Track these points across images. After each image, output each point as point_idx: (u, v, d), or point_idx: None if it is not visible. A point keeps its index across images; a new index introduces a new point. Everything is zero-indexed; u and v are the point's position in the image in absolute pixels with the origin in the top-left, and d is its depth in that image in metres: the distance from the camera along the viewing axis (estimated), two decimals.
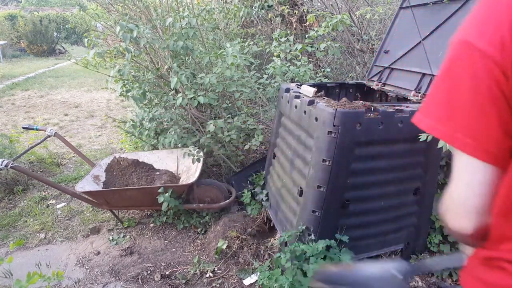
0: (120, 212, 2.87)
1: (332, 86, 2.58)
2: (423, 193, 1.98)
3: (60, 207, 3.05)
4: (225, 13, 4.14)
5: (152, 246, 2.51)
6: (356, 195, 1.81)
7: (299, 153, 1.98)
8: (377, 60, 2.54)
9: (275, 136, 2.43)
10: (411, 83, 2.14)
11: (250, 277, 2.14)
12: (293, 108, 2.04)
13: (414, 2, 2.26)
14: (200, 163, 2.61)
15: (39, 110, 6.26)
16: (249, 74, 2.98)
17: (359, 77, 3.62)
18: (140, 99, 2.63)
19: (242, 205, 2.80)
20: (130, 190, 2.46)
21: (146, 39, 2.45)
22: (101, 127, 5.39)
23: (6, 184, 3.26)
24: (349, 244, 1.80)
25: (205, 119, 3.03)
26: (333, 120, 1.62)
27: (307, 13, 3.53)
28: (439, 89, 0.66)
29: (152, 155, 3.05)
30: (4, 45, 13.90)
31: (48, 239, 2.61)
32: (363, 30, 3.61)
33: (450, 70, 0.63)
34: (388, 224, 1.99)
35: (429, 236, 2.18)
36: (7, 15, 15.82)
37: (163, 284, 2.12)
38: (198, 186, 2.65)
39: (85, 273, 2.24)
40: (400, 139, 1.77)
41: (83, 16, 5.36)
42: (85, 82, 9.13)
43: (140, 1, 3.15)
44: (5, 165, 2.18)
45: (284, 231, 2.06)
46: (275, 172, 2.41)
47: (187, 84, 2.54)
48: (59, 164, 3.92)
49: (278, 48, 3.01)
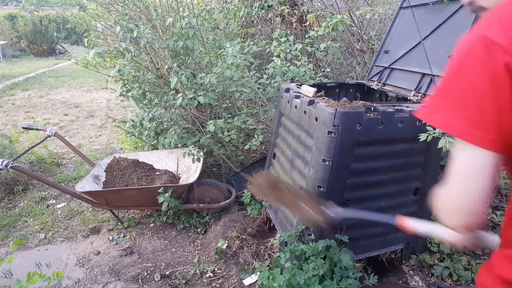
0: (120, 212, 2.87)
1: (332, 86, 2.58)
2: (423, 193, 1.98)
3: (60, 207, 3.05)
4: (225, 13, 4.14)
5: (152, 246, 2.51)
6: (356, 195, 1.81)
7: (299, 153, 1.98)
8: (377, 60, 2.53)
9: (275, 136, 2.43)
10: (411, 83, 2.14)
11: (250, 277, 2.14)
12: (293, 108, 2.04)
13: (414, 2, 2.26)
14: (200, 163, 2.61)
15: (39, 110, 6.26)
16: (249, 74, 2.98)
17: (359, 77, 3.62)
18: (140, 99, 2.63)
19: (242, 205, 2.80)
20: (130, 190, 2.46)
21: (146, 39, 2.45)
22: (101, 127, 5.39)
23: (6, 184, 3.26)
24: (349, 244, 1.80)
25: (205, 119, 3.03)
26: (333, 120, 1.62)
27: (307, 13, 3.53)
28: (450, 84, 0.64)
29: (152, 155, 3.05)
30: (4, 45, 13.91)
31: (48, 239, 2.61)
32: (363, 30, 3.61)
33: (464, 65, 0.62)
34: (388, 224, 1.99)
35: None
36: (7, 15, 15.82)
37: (163, 284, 2.12)
38: (198, 186, 2.65)
39: (85, 273, 2.24)
40: (400, 139, 1.77)
41: (83, 16, 5.37)
42: (85, 82, 9.13)
43: (140, 1, 3.15)
44: (5, 165, 2.18)
45: (284, 231, 2.06)
46: (275, 172, 2.41)
47: (187, 84, 2.54)
48: (59, 164, 3.93)
49: (278, 48, 3.01)
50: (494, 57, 0.58)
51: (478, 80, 0.59)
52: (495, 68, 0.58)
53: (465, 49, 0.63)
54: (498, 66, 0.57)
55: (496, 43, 0.58)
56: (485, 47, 0.59)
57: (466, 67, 0.61)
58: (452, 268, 2.02)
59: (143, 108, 3.15)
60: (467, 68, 0.61)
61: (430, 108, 0.67)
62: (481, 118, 0.59)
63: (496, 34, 0.59)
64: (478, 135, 0.59)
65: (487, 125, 0.59)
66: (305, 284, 1.59)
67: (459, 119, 0.61)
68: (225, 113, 3.01)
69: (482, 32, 0.61)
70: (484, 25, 0.62)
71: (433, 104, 0.67)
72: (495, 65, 0.58)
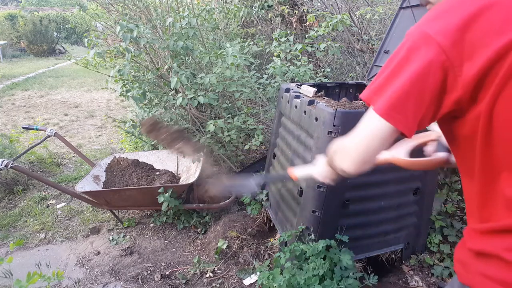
0: (120, 212, 2.87)
1: (332, 86, 2.58)
2: (423, 193, 1.98)
3: (60, 207, 3.05)
4: (225, 13, 4.14)
5: (152, 246, 2.51)
6: (356, 195, 1.81)
7: (299, 153, 1.98)
8: (377, 60, 2.53)
9: (275, 136, 2.43)
10: None
11: (250, 277, 2.14)
12: (293, 108, 2.04)
13: (414, 2, 2.26)
14: (200, 163, 2.61)
15: (39, 110, 6.26)
16: (249, 74, 2.98)
17: (359, 77, 3.62)
18: (140, 99, 2.62)
19: (242, 205, 2.80)
20: (130, 190, 2.46)
21: (146, 39, 2.45)
22: (101, 127, 5.39)
23: (6, 184, 3.26)
24: (349, 244, 1.80)
25: (205, 119, 3.03)
26: (333, 120, 1.62)
27: (307, 13, 3.53)
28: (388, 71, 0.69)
29: (152, 155, 3.05)
30: (4, 45, 13.91)
31: (48, 239, 2.61)
32: (363, 30, 3.61)
33: (404, 57, 0.65)
34: (388, 224, 1.99)
35: (429, 236, 2.18)
36: (7, 15, 15.81)
37: (163, 284, 2.12)
38: (198, 186, 2.65)
39: (85, 273, 2.24)
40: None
41: (83, 16, 5.37)
42: (85, 82, 9.14)
43: (140, 1, 3.15)
44: (5, 165, 2.18)
45: (284, 231, 2.06)
46: (275, 172, 2.41)
47: (187, 84, 2.54)
48: (59, 164, 3.93)
49: (278, 48, 3.01)
50: (431, 54, 0.61)
51: (413, 72, 0.63)
52: (430, 65, 0.61)
53: (407, 42, 0.66)
54: (433, 63, 0.61)
55: (434, 41, 0.60)
56: (425, 43, 0.62)
57: (405, 58, 0.65)
58: (452, 268, 2.02)
59: (143, 108, 3.15)
60: (406, 59, 0.65)
61: (370, 89, 0.73)
62: (403, 105, 0.65)
63: (436, 31, 0.61)
64: (395, 116, 0.66)
65: (406, 111, 0.65)
66: (305, 284, 1.59)
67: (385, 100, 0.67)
68: (225, 113, 3.01)
69: (424, 27, 0.64)
70: (427, 21, 0.65)
71: (373, 87, 0.72)
72: (431, 62, 0.61)
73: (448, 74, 0.61)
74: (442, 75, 0.61)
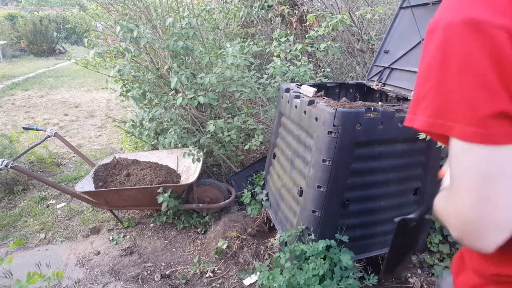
0: (120, 212, 2.87)
1: (332, 86, 2.58)
2: (423, 193, 1.98)
3: (60, 207, 3.05)
4: (225, 13, 4.14)
5: (152, 246, 2.51)
6: (356, 195, 1.81)
7: (299, 153, 1.98)
8: (377, 60, 2.53)
9: (275, 136, 2.43)
10: (411, 83, 2.14)
11: (250, 277, 2.14)
12: (293, 108, 2.04)
13: (414, 2, 2.26)
14: (200, 163, 2.61)
15: (39, 110, 6.26)
16: (249, 74, 2.98)
17: (359, 77, 3.62)
18: (140, 99, 2.62)
19: (242, 205, 2.80)
20: (130, 190, 2.46)
21: (146, 39, 2.45)
22: (101, 127, 5.39)
23: (6, 184, 3.26)
24: (349, 244, 1.80)
25: (205, 119, 3.03)
26: (333, 120, 1.62)
27: (307, 13, 3.53)
28: (429, 82, 0.56)
29: (152, 155, 3.05)
30: (4, 45, 13.90)
31: (48, 239, 2.61)
32: (363, 30, 3.61)
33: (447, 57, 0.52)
34: (388, 224, 1.99)
35: (429, 236, 2.18)
36: (7, 15, 15.81)
37: (163, 284, 2.12)
38: (198, 186, 2.65)
39: (85, 273, 2.24)
40: (400, 139, 1.77)
41: (83, 16, 5.36)
42: (85, 82, 9.13)
43: (140, 1, 3.15)
44: (5, 165, 2.18)
45: (284, 231, 2.06)
46: (275, 172, 2.41)
47: (187, 84, 2.54)
48: (59, 164, 3.92)
49: (278, 48, 3.01)
50: (491, 37, 0.47)
51: (477, 66, 0.49)
52: (496, 48, 0.47)
53: (443, 39, 0.52)
54: (498, 45, 0.47)
55: (490, 23, 0.47)
56: (476, 30, 0.48)
57: (446, 59, 0.52)
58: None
59: (143, 108, 3.15)
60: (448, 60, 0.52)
61: (412, 112, 0.57)
62: (487, 108, 0.48)
63: (487, 13, 0.48)
64: (471, 130, 0.49)
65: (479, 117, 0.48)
66: (305, 284, 1.59)
67: (457, 117, 0.50)
68: (225, 113, 3.01)
69: (466, 14, 0.50)
70: (465, 6, 0.51)
71: (414, 107, 0.58)
72: (494, 45, 0.47)
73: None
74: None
